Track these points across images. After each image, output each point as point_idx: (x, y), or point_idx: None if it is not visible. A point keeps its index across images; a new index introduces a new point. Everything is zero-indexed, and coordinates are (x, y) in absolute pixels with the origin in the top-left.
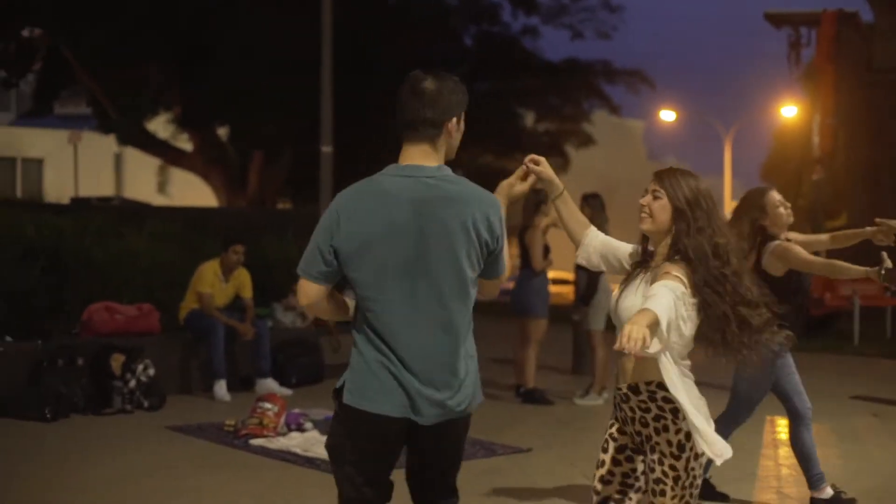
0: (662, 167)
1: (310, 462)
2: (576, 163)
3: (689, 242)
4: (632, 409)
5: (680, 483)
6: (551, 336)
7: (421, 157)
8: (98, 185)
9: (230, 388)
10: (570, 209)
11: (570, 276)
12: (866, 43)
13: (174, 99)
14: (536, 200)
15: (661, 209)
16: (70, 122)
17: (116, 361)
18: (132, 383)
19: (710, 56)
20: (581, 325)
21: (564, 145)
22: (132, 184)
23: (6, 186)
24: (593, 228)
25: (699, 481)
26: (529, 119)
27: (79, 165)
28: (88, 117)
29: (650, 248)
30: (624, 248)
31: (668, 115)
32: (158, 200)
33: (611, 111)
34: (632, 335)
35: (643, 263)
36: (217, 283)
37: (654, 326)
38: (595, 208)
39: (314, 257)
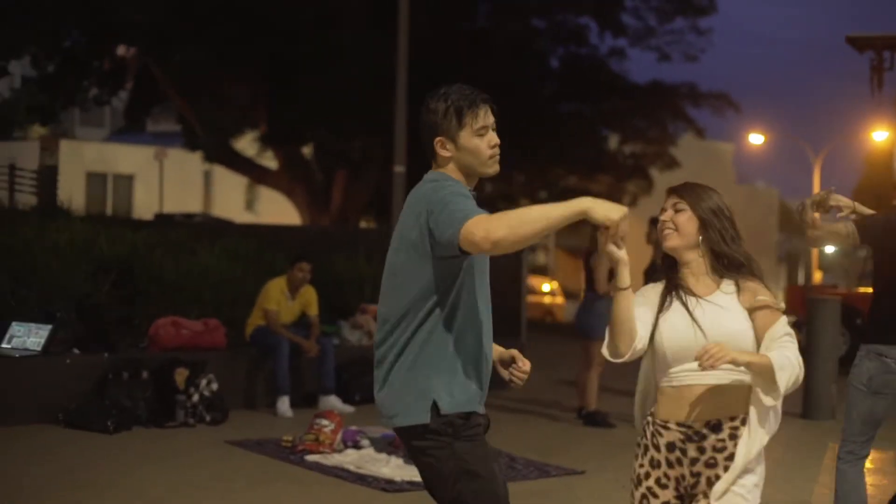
0: (753, 191)
1: (361, 479)
2: (663, 186)
3: (734, 249)
4: (701, 450)
5: None
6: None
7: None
8: (186, 201)
9: (293, 405)
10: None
11: None
12: None
13: (260, 117)
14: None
15: (687, 221)
16: (162, 139)
17: (180, 375)
18: (195, 397)
19: (797, 78)
20: None
21: (649, 168)
22: (221, 201)
23: (97, 202)
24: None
25: None
26: (614, 141)
27: (167, 182)
28: (179, 134)
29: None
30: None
31: (756, 139)
32: (245, 218)
33: (696, 134)
34: (713, 352)
35: (672, 285)
36: (283, 300)
37: (764, 371)
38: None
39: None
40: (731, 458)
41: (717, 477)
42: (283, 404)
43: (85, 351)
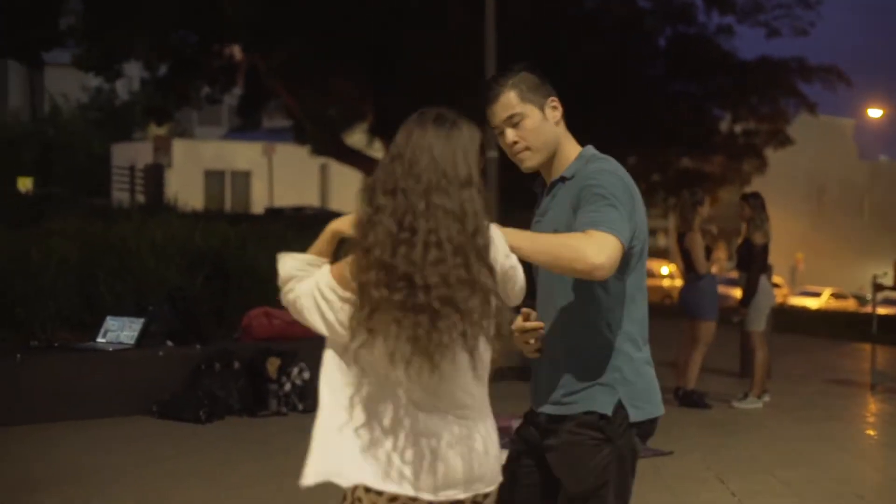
0: (876, 167)
1: None
2: (782, 164)
3: None
4: None
5: None
6: (723, 338)
7: None
8: (303, 195)
9: None
10: None
11: (777, 279)
12: None
13: (367, 108)
14: (693, 201)
15: None
16: (277, 135)
17: (272, 365)
18: (287, 386)
19: None
20: (742, 326)
21: (762, 146)
22: (338, 194)
23: (216, 198)
24: None
25: None
26: (725, 121)
27: (283, 177)
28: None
29: None
30: None
31: (875, 112)
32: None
33: (808, 109)
34: None
35: None
36: None
37: None
38: (756, 208)
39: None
40: None
41: None
42: None
43: (178, 343)
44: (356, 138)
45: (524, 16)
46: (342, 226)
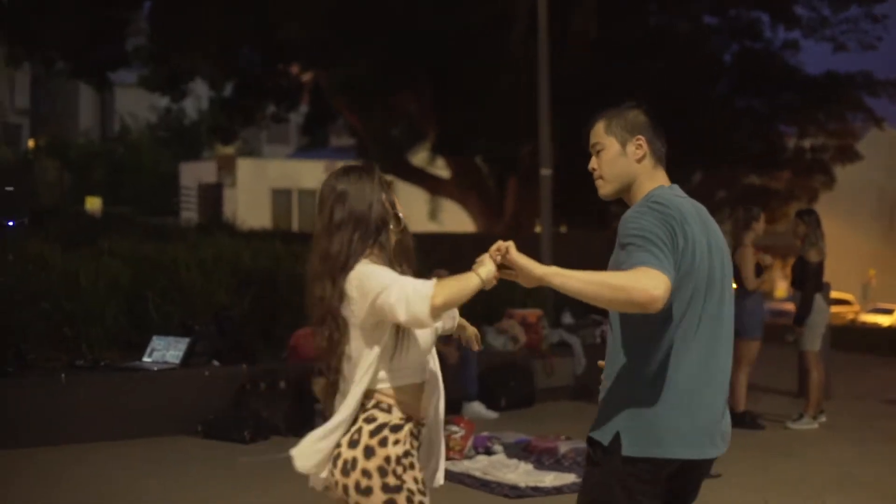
0: None
1: (485, 485)
2: (852, 180)
3: None
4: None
5: None
6: (781, 357)
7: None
8: None
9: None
10: None
11: (847, 296)
12: None
13: (429, 126)
14: (748, 218)
15: None
16: (343, 154)
17: (318, 385)
18: None
19: None
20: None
21: (830, 162)
22: (404, 212)
23: (283, 217)
24: None
25: None
26: (792, 137)
27: None
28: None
29: None
30: None
31: None
32: (428, 227)
33: (875, 124)
34: None
35: None
36: None
37: None
38: (810, 225)
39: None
40: None
41: None
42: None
43: (223, 363)
44: (419, 157)
45: (589, 33)
46: None
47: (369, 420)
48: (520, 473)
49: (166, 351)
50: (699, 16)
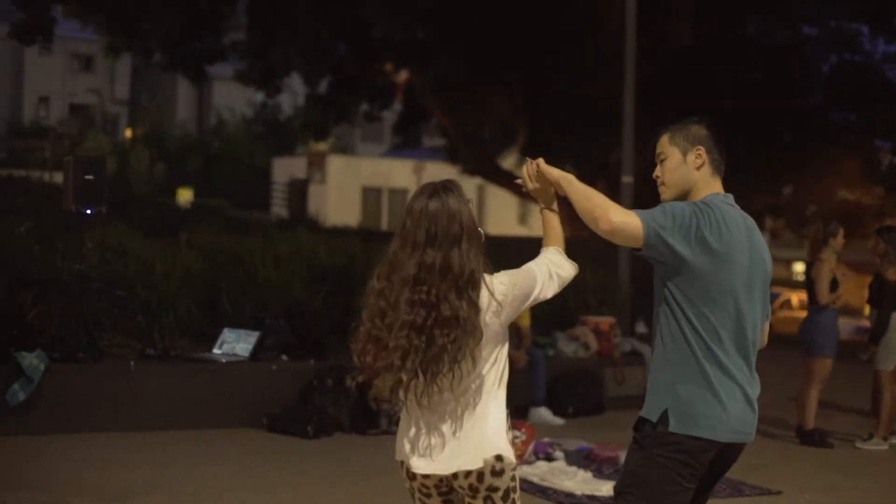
0: None
1: (542, 491)
2: None
3: None
4: None
5: None
6: (856, 375)
7: (723, 190)
8: None
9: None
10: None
11: None
12: None
13: (520, 128)
14: (826, 233)
15: None
16: (435, 154)
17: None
18: (398, 406)
19: None
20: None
21: None
22: (494, 215)
23: (373, 216)
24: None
25: None
26: (886, 151)
27: None
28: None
29: None
30: None
31: None
32: (518, 231)
33: None
34: None
35: None
36: None
37: None
38: (890, 242)
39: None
40: None
41: None
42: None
43: (292, 358)
44: (510, 160)
45: (684, 38)
46: None
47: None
48: (578, 481)
49: (236, 343)
50: (798, 26)
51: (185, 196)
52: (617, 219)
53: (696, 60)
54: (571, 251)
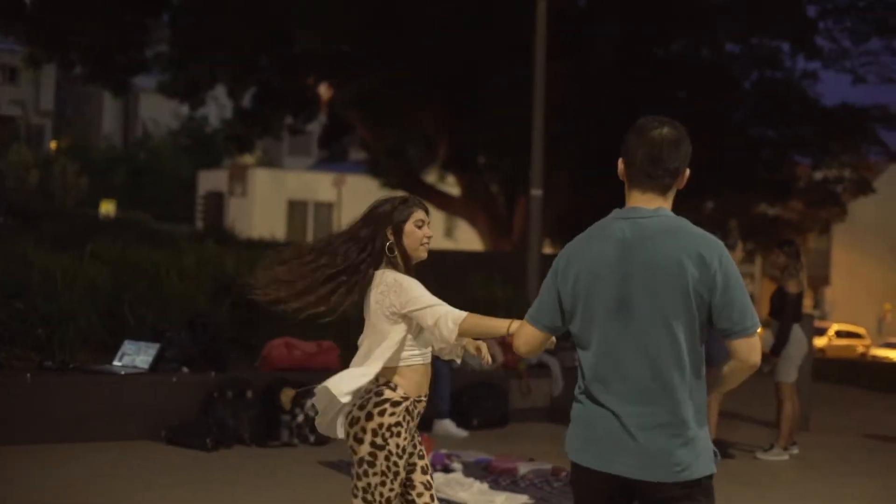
0: None
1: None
2: (871, 213)
3: None
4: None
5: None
6: (763, 387)
7: (645, 202)
8: None
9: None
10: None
11: (859, 329)
12: None
13: (441, 143)
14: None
15: None
16: (362, 167)
17: (286, 396)
18: (300, 418)
19: None
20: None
21: (844, 194)
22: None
23: (298, 229)
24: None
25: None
26: (806, 167)
27: (359, 209)
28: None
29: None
30: None
31: None
32: (444, 245)
33: (889, 158)
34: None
35: None
36: None
37: None
38: (791, 256)
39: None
40: None
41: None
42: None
43: (194, 370)
44: (433, 175)
45: (608, 57)
46: None
47: (378, 394)
48: (472, 493)
49: (136, 356)
50: (722, 43)
51: (107, 208)
52: (518, 343)
53: (621, 79)
54: (483, 264)
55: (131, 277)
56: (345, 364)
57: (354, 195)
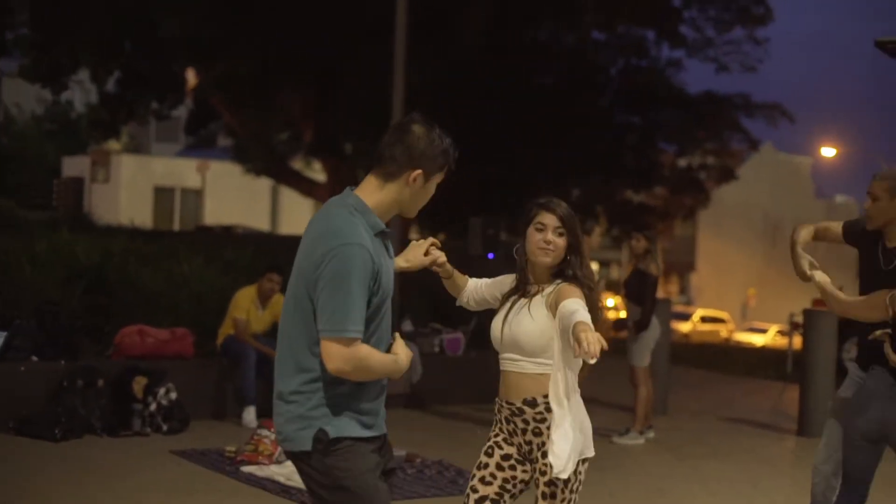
0: (832, 205)
1: (286, 491)
2: (738, 200)
3: (584, 272)
4: (525, 422)
5: (569, 486)
6: (622, 372)
7: (363, 186)
8: (255, 216)
9: (265, 415)
10: (454, 283)
11: (722, 314)
12: None
13: (306, 128)
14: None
15: (564, 245)
16: (229, 154)
17: (138, 384)
18: (153, 406)
19: (866, 88)
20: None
21: (708, 181)
22: (289, 215)
23: (165, 215)
24: (471, 280)
25: (581, 485)
26: (671, 154)
27: (230, 196)
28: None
29: (529, 276)
30: (494, 284)
31: (828, 152)
32: None
33: (751, 146)
34: (595, 340)
35: (520, 290)
36: (253, 309)
37: None
38: (651, 239)
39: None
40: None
41: (543, 443)
42: (249, 414)
43: (43, 358)
44: (300, 161)
45: (474, 41)
46: None
47: None
48: None
49: None
50: (588, 30)
51: None
52: (343, 369)
53: (487, 65)
54: None
55: None
56: (199, 350)
57: (220, 181)
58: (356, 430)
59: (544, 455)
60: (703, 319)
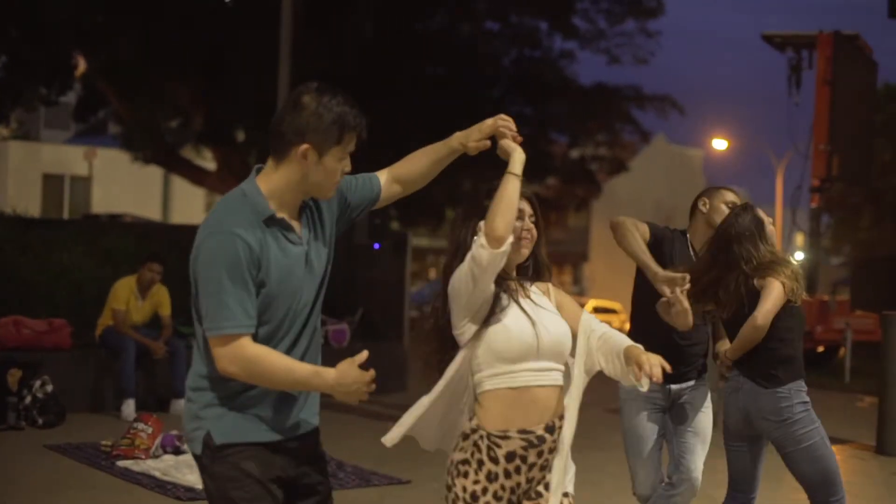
0: None
1: (160, 487)
2: (631, 191)
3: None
4: (539, 454)
5: None
6: None
7: (264, 170)
8: (146, 204)
9: (146, 408)
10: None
11: (615, 305)
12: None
13: (195, 116)
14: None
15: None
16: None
17: (13, 377)
18: (28, 399)
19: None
20: None
21: (599, 172)
22: (180, 204)
23: (55, 204)
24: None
25: None
26: (562, 144)
27: (122, 184)
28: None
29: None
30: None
31: (720, 144)
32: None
33: (641, 137)
34: (658, 363)
35: (501, 287)
36: (133, 300)
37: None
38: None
39: None
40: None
41: (545, 476)
42: (128, 407)
43: None
44: (190, 148)
45: (365, 32)
46: None
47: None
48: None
49: None
50: (481, 21)
51: None
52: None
53: (380, 55)
54: None
55: None
56: (77, 342)
57: (109, 169)
58: (249, 435)
59: (547, 487)
60: (596, 310)
